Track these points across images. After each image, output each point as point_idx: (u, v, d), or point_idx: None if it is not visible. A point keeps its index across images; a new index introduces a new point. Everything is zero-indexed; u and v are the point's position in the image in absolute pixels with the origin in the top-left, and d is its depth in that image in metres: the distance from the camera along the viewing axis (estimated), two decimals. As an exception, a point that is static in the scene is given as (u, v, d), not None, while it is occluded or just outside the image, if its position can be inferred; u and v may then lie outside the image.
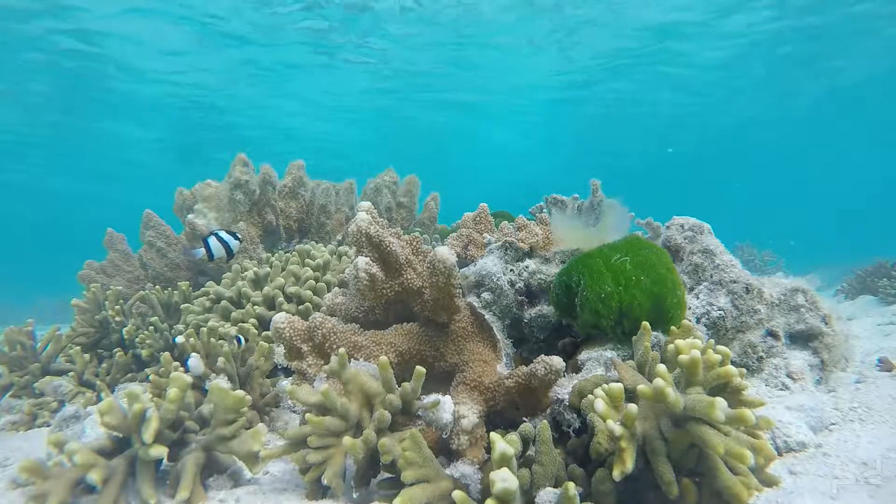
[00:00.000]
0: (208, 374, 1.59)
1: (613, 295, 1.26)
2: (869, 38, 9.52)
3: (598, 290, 1.27)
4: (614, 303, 1.26)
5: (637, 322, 1.21)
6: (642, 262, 1.30)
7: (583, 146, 18.38)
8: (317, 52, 9.37)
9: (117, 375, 2.27)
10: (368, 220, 1.31)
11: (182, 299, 2.53)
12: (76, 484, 1.08)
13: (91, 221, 12.48)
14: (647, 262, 1.31)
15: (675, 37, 9.22)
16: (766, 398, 1.41)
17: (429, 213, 3.62)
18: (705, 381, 0.93)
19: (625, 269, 1.28)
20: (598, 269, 1.30)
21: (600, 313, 1.27)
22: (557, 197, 2.14)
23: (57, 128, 12.33)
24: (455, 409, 1.18)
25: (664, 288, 1.27)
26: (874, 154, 23.98)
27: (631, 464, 0.86)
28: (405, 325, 1.40)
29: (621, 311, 1.25)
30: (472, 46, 9.40)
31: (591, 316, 1.28)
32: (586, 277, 1.30)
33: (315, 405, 1.15)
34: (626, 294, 1.25)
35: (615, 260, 1.30)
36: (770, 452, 0.96)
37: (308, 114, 12.98)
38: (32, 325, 2.30)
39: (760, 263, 5.66)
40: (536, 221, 1.81)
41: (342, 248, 2.57)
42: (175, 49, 8.80)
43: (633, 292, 1.25)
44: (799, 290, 1.63)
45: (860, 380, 1.69)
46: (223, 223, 2.90)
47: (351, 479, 1.16)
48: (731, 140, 18.80)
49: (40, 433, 1.89)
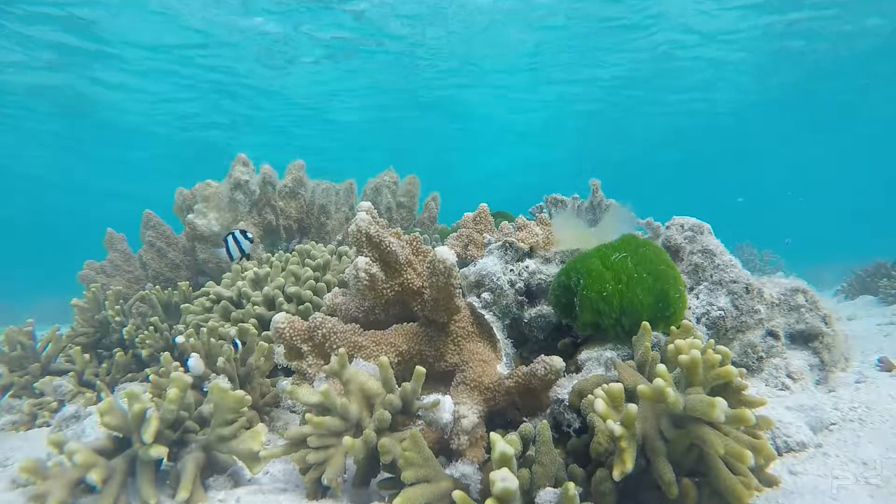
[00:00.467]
0: (208, 374, 1.59)
1: (615, 293, 1.26)
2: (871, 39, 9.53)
3: (598, 288, 1.27)
4: (615, 301, 1.26)
5: (638, 319, 1.21)
6: (642, 260, 1.30)
7: (583, 146, 18.38)
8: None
9: (117, 375, 2.27)
10: (368, 220, 1.31)
11: (182, 299, 2.53)
12: (76, 484, 1.08)
13: (91, 221, 12.48)
14: (646, 258, 1.31)
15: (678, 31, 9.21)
16: (766, 398, 1.41)
17: (429, 213, 3.62)
18: (705, 381, 0.93)
19: (626, 266, 1.28)
20: (596, 268, 1.30)
21: (601, 312, 1.27)
22: (557, 197, 2.14)
23: (57, 127, 12.34)
24: (455, 409, 1.18)
25: (666, 283, 1.27)
26: (874, 154, 23.98)
27: (631, 464, 0.86)
28: (405, 325, 1.40)
29: (622, 308, 1.25)
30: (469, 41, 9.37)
31: (592, 315, 1.28)
32: (585, 277, 1.30)
33: (315, 405, 1.15)
34: (627, 291, 1.25)
35: (615, 258, 1.30)
36: (770, 452, 0.96)
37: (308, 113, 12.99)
38: (32, 325, 2.30)
39: (760, 263, 5.66)
40: (536, 221, 1.81)
41: (342, 248, 2.57)
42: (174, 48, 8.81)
43: (634, 290, 1.25)
44: (799, 290, 1.63)
45: (860, 380, 1.69)
46: (223, 223, 2.90)
47: (351, 479, 1.16)
48: (730, 140, 18.81)
49: (40, 433, 1.89)
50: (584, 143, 17.74)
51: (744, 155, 22.59)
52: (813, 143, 19.62)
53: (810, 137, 18.50)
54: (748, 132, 17.43)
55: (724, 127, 16.15)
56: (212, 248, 2.89)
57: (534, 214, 2.10)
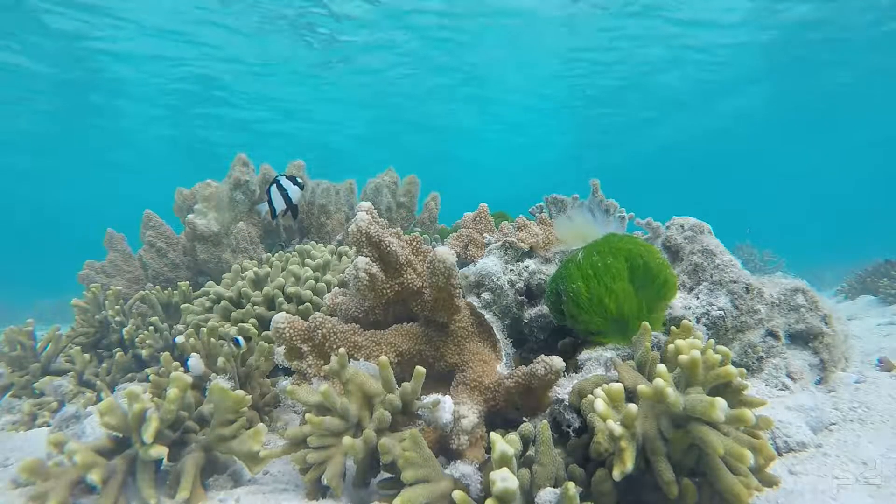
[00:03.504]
0: (208, 374, 1.59)
1: (581, 291, 1.26)
2: (871, 38, 9.53)
3: (569, 292, 1.27)
4: (583, 298, 1.25)
5: (606, 309, 1.22)
6: (608, 248, 1.29)
7: (583, 145, 18.38)
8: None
9: (117, 375, 2.27)
10: (368, 220, 1.31)
11: (182, 299, 2.53)
12: (76, 484, 1.07)
13: (91, 221, 12.50)
14: (611, 244, 1.30)
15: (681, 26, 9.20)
16: (766, 398, 1.41)
17: (429, 213, 3.62)
18: (705, 381, 0.93)
19: (591, 261, 1.27)
20: (570, 271, 1.30)
21: (575, 317, 1.27)
22: (557, 197, 2.14)
23: (57, 126, 12.34)
24: (455, 409, 1.18)
25: (639, 258, 1.26)
26: (874, 153, 23.97)
27: (631, 464, 0.86)
28: (405, 325, 1.40)
29: (591, 303, 1.25)
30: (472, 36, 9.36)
31: (571, 321, 1.29)
32: (563, 282, 1.30)
33: (315, 405, 1.15)
34: (594, 284, 1.25)
35: (581, 256, 1.30)
36: (770, 452, 0.96)
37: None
38: (32, 325, 2.30)
39: (760, 263, 5.65)
40: (536, 221, 1.81)
41: (342, 248, 2.57)
42: (172, 49, 8.81)
43: (602, 279, 1.24)
44: (799, 290, 1.63)
45: (860, 380, 1.69)
46: (223, 223, 2.89)
47: (351, 479, 1.16)
48: (730, 139, 18.80)
49: (40, 433, 1.89)
50: (584, 142, 17.74)
51: (744, 155, 22.59)
52: (813, 143, 19.62)
53: (810, 137, 18.50)
54: (748, 132, 17.43)
55: (725, 127, 16.15)
56: (256, 211, 2.32)
57: (534, 214, 2.10)
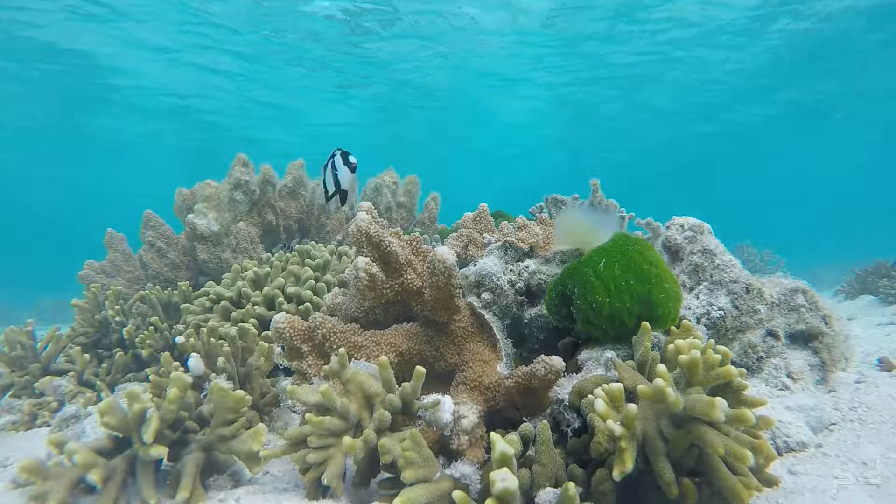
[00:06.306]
0: (208, 374, 1.59)
1: (604, 304, 1.24)
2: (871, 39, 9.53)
3: (589, 300, 1.26)
4: (605, 312, 1.24)
5: (625, 327, 1.22)
6: (628, 264, 1.28)
7: (584, 145, 18.38)
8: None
9: (117, 375, 2.27)
10: (368, 220, 1.31)
11: (182, 299, 2.53)
12: (76, 484, 1.07)
13: (91, 221, 12.50)
14: (632, 261, 1.29)
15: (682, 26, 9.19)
16: (766, 398, 1.41)
17: (429, 213, 3.62)
18: (705, 381, 0.93)
19: (614, 275, 1.26)
20: (589, 279, 1.29)
21: (592, 323, 1.26)
22: (557, 197, 2.14)
23: (57, 126, 12.34)
24: (455, 409, 1.18)
25: (648, 284, 1.25)
26: (874, 153, 23.97)
27: (631, 464, 0.86)
28: (405, 325, 1.40)
29: (612, 318, 1.24)
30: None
31: (584, 326, 1.29)
32: (580, 288, 1.29)
33: (315, 405, 1.15)
34: (616, 301, 1.24)
35: (603, 266, 1.28)
36: (770, 452, 0.96)
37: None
38: (32, 325, 2.30)
39: (760, 263, 5.65)
40: (536, 221, 1.81)
41: (342, 248, 2.57)
42: (173, 48, 8.82)
43: (623, 298, 1.24)
44: (799, 290, 1.63)
45: (860, 380, 1.69)
46: (223, 223, 2.89)
47: (351, 479, 1.16)
48: (730, 139, 18.81)
49: (40, 433, 1.89)
50: (583, 143, 17.74)
51: (744, 155, 22.59)
52: (813, 143, 19.62)
53: (810, 137, 18.50)
54: (748, 132, 17.43)
55: (725, 127, 16.15)
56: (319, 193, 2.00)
57: (534, 214, 2.10)
